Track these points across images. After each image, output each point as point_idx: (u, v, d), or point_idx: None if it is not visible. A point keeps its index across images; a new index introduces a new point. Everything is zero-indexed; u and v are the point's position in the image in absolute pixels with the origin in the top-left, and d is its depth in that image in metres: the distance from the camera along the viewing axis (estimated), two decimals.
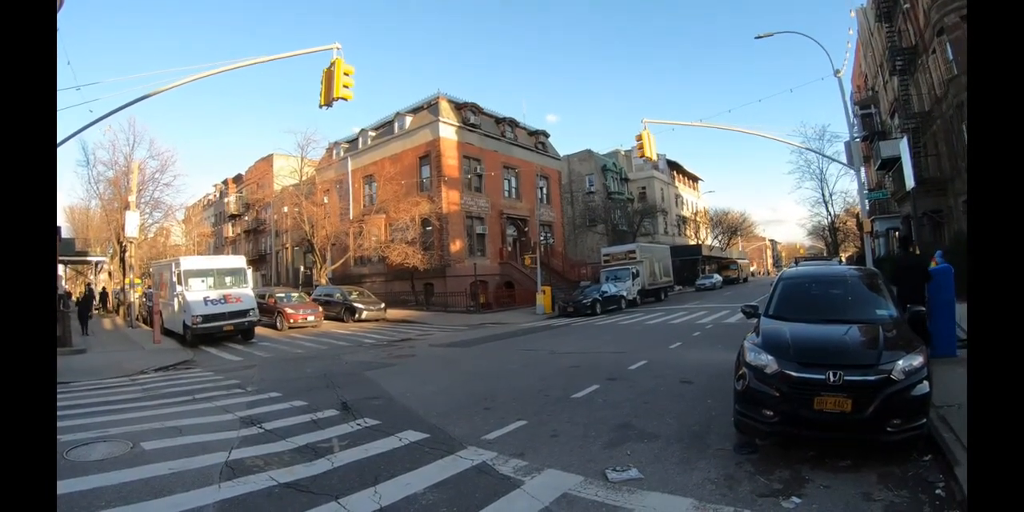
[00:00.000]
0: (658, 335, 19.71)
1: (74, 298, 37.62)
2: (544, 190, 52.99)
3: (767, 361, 6.32)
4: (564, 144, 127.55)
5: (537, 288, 35.49)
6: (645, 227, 64.62)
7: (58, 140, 21.12)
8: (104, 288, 55.02)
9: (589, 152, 66.50)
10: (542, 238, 46.77)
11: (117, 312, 43.72)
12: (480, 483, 6.08)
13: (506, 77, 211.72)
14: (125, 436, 8.97)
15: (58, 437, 8.97)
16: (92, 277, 59.54)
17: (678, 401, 9.27)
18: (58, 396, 13.74)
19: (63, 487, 6.56)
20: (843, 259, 41.77)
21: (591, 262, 50.47)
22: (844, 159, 25.42)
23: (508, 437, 7.78)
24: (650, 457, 6.53)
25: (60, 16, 22.78)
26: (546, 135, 55.40)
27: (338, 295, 34.85)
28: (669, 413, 8.47)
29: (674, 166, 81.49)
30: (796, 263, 15.20)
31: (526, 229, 47.87)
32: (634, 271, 38.58)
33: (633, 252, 41.94)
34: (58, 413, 11.45)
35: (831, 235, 63.87)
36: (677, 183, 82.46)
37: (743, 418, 6.46)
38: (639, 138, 23.96)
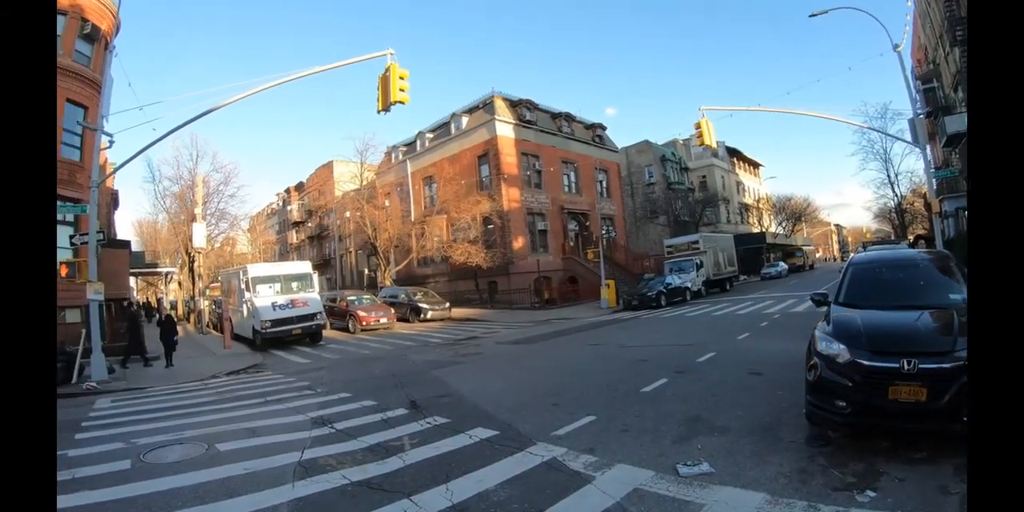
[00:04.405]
0: (725, 326, 19.45)
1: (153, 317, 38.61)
2: (604, 183, 52.61)
3: (839, 350, 6.15)
4: (622, 136, 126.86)
5: (601, 282, 35.38)
6: (707, 216, 63.72)
7: (125, 159, 21.67)
8: (174, 297, 56.45)
9: (647, 143, 65.76)
10: (604, 231, 46.45)
11: (188, 320, 44.79)
12: (551, 479, 6.09)
13: (561, 71, 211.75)
14: (200, 438, 9.22)
15: (135, 440, 9.32)
16: (163, 287, 61.05)
17: (748, 393, 9.15)
18: (135, 401, 14.26)
19: (141, 488, 6.81)
20: (910, 241, 40.59)
21: (654, 254, 50.01)
22: (908, 137, 24.81)
23: (578, 432, 7.76)
24: (721, 451, 6.44)
25: (118, 40, 23.47)
26: (603, 128, 54.87)
27: (403, 296, 35.15)
28: (739, 406, 8.36)
29: (734, 153, 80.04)
30: (864, 248, 14.96)
31: (587, 223, 47.58)
32: (698, 262, 38.04)
33: (696, 242, 41.44)
34: (135, 417, 11.86)
35: (898, 217, 62.01)
36: (738, 170, 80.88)
37: (815, 409, 6.30)
38: (697, 126, 23.65)
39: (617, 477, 5.95)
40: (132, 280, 47.16)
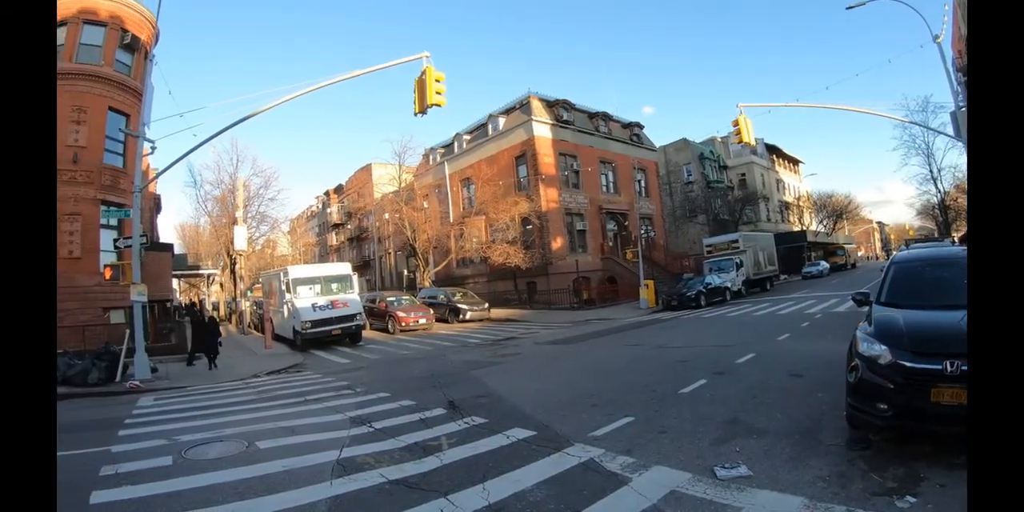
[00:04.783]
0: (765, 327, 19.28)
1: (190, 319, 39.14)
2: (642, 182, 52.22)
3: (880, 351, 6.03)
4: (659, 134, 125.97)
5: (640, 282, 35.16)
6: (747, 215, 62.90)
7: (166, 164, 22.02)
8: (216, 299, 57.27)
9: (685, 141, 65.32)
10: (642, 231, 46.16)
11: (229, 320, 45.37)
12: (587, 480, 6.07)
13: (597, 71, 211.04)
14: (241, 436, 9.36)
15: (177, 437, 9.50)
16: (205, 289, 61.92)
17: (787, 395, 9.05)
18: (177, 399, 14.53)
19: (182, 484, 6.96)
20: (956, 239, 39.77)
21: (693, 253, 49.68)
22: (951, 131, 24.34)
23: (615, 434, 7.73)
24: (759, 453, 6.38)
25: (157, 49, 23.82)
26: (640, 127, 54.50)
27: (442, 297, 35.28)
28: (778, 408, 8.28)
29: (773, 150, 78.69)
30: (907, 246, 14.59)
31: (626, 223, 47.35)
32: (738, 261, 37.78)
33: (736, 241, 41.12)
34: (177, 415, 12.08)
35: (942, 214, 60.63)
36: (777, 167, 79.54)
37: (856, 412, 6.18)
38: (736, 123, 23.37)
39: (654, 479, 5.93)
40: (175, 282, 48.00)
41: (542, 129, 43.34)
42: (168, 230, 75.56)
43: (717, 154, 67.44)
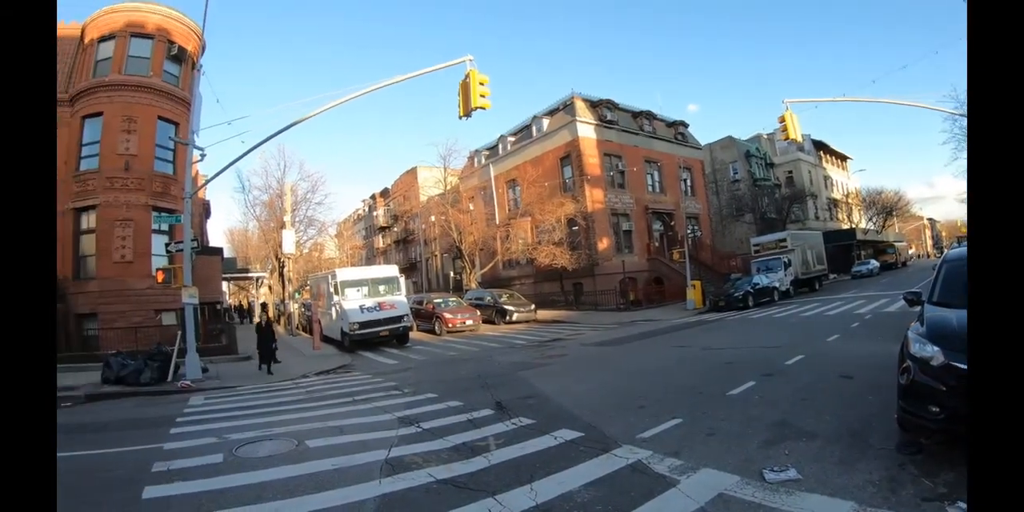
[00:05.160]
0: (814, 327, 19.06)
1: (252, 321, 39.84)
2: (688, 182, 51.75)
3: (932, 352, 5.87)
4: (704, 132, 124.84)
5: (687, 283, 34.88)
6: (795, 213, 61.76)
7: (215, 171, 22.44)
8: (264, 301, 58.09)
9: (731, 139, 64.48)
10: (689, 231, 45.75)
11: (278, 322, 45.94)
12: (635, 482, 6.06)
13: (640, 69, 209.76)
14: (290, 435, 9.51)
15: (228, 436, 9.69)
16: (254, 291, 62.78)
17: (837, 397, 8.94)
18: (227, 399, 14.82)
19: (232, 481, 7.12)
20: None
21: (740, 253, 49.06)
22: None
23: (663, 435, 7.71)
24: (808, 457, 6.31)
25: (205, 60, 24.24)
26: (685, 125, 53.96)
27: (488, 298, 35.36)
28: (828, 410, 8.17)
29: (820, 146, 77.29)
30: (959, 243, 14.01)
31: (672, 223, 46.76)
32: (786, 260, 37.20)
33: (784, 240, 40.57)
34: (228, 414, 12.32)
35: None
36: (825, 164, 77.91)
37: (907, 415, 6.04)
38: (782, 120, 23.06)
39: (702, 481, 5.89)
40: (224, 285, 48.77)
41: (586, 129, 43.23)
42: (218, 234, 77.04)
43: (763, 151, 66.49)
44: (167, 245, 23.25)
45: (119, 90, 26.35)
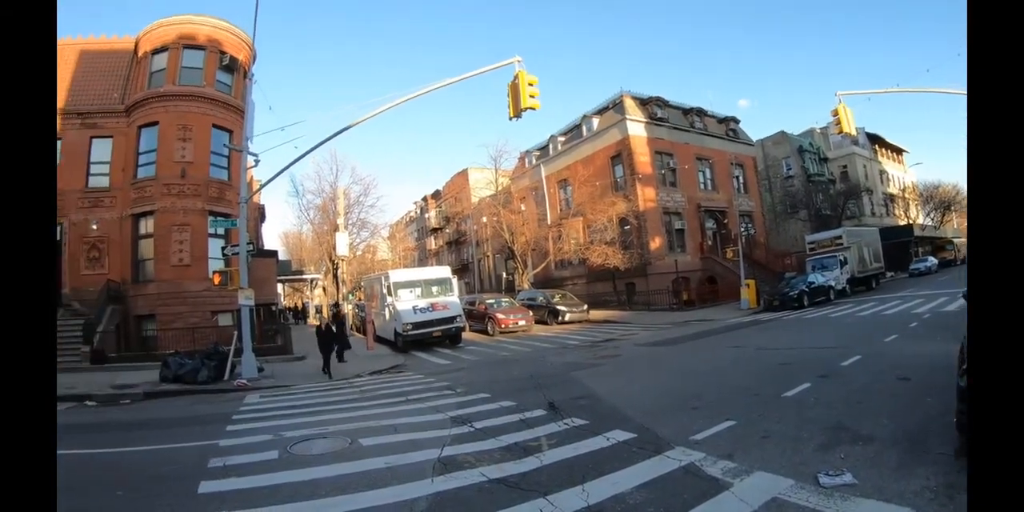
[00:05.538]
0: (871, 327, 18.68)
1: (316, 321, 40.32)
2: (740, 178, 50.99)
3: None
4: (756, 128, 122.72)
5: (740, 282, 34.38)
6: (850, 209, 60.03)
7: (270, 176, 22.86)
8: (319, 302, 58.87)
9: (783, 134, 63.31)
10: (742, 229, 45.14)
11: (332, 322, 46.53)
12: (688, 484, 6.03)
13: (689, 64, 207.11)
14: (344, 433, 9.65)
15: (282, 433, 9.90)
16: (308, 292, 63.65)
17: (894, 400, 8.78)
18: (282, 397, 15.10)
19: (287, 477, 7.27)
20: None
21: (795, 251, 48.12)
22: None
23: (716, 438, 7.65)
24: (865, 461, 6.20)
25: (256, 68, 24.67)
26: (736, 121, 53.16)
27: (541, 298, 35.36)
28: (885, 413, 8.03)
29: (875, 139, 74.90)
30: None
31: (725, 221, 46.38)
32: (841, 258, 36.32)
33: (839, 238, 39.61)
34: (283, 412, 12.56)
35: None
36: (880, 158, 75.51)
37: (966, 418, 5.96)
38: (835, 113, 22.51)
39: (755, 485, 5.84)
40: (279, 287, 49.53)
41: (636, 128, 42.99)
42: (272, 238, 78.19)
43: (817, 146, 65.18)
44: (223, 248, 23.74)
45: (173, 100, 27.18)
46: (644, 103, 45.32)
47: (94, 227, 27.50)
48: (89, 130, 28.53)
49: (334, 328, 22.05)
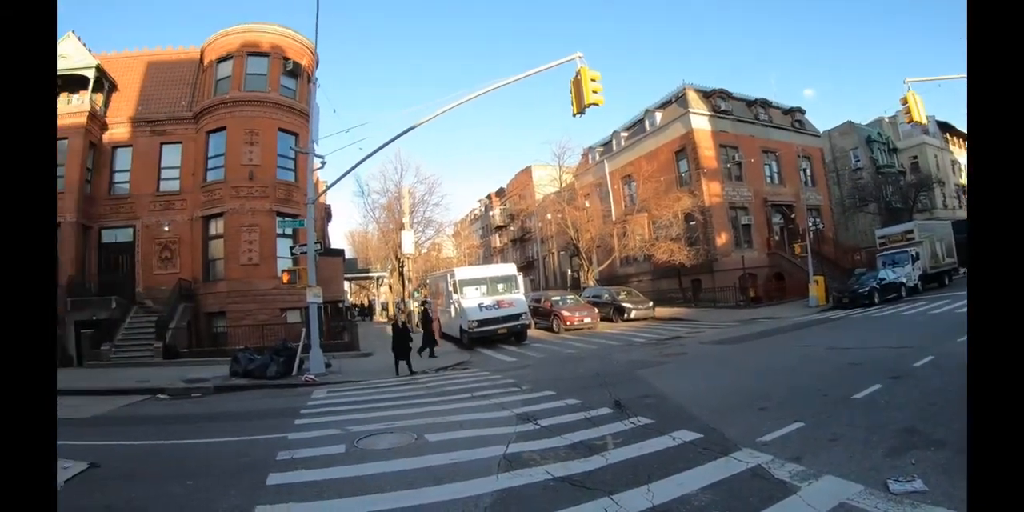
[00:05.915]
0: (944, 326, 18.04)
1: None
2: (807, 171, 49.61)
3: None
4: (822, 119, 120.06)
5: (809, 278, 33.62)
6: (921, 202, 57.87)
7: (335, 177, 23.33)
8: (385, 299, 59.62)
9: (850, 124, 61.41)
10: (810, 223, 43.99)
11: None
12: (754, 487, 5.98)
13: (753, 54, 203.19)
14: (410, 429, 9.83)
15: (349, 428, 10.10)
16: (374, 290, 64.50)
17: None
18: (349, 392, 15.41)
19: (354, 471, 7.47)
20: None
21: (865, 246, 46.70)
22: None
23: (784, 440, 7.55)
24: (936, 467, 6.02)
25: (320, 72, 25.10)
26: (802, 111, 51.64)
27: (606, 296, 35.42)
28: (959, 417, 7.59)
29: (946, 128, 71.08)
30: None
31: (792, 215, 45.39)
32: (913, 254, 34.83)
33: (911, 232, 38.07)
34: (349, 407, 12.82)
35: None
36: (952, 147, 71.92)
37: None
38: (904, 101, 21.74)
39: (823, 489, 5.74)
40: (346, 284, 50.36)
41: (700, 121, 42.49)
42: (339, 237, 79.53)
43: (886, 136, 63.16)
44: (291, 248, 24.40)
45: (240, 106, 28.20)
46: (707, 96, 44.73)
47: (166, 229, 28.56)
48: (159, 137, 29.86)
49: (413, 327, 22.42)
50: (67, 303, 26.03)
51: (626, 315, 32.96)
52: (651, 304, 34.58)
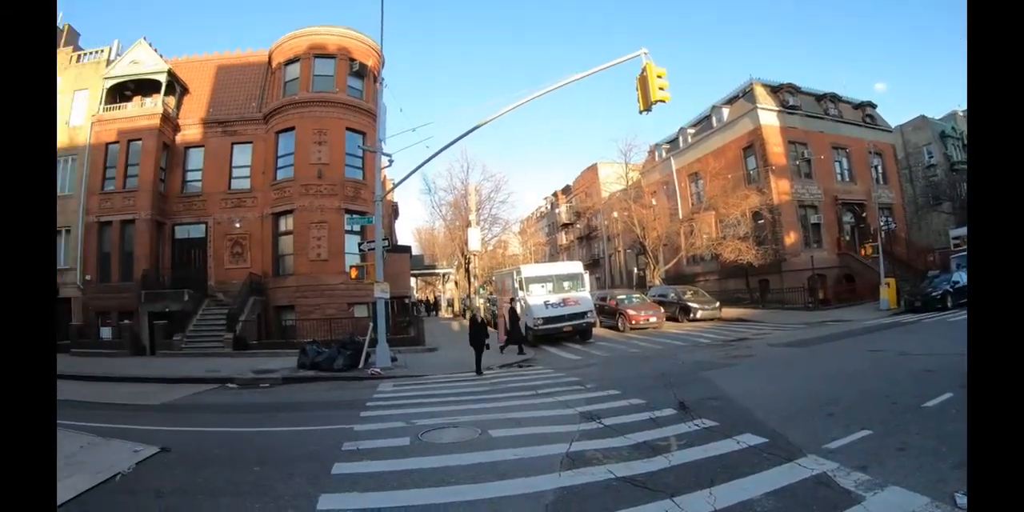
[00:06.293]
0: None
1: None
2: (878, 168, 47.38)
3: None
4: (894, 113, 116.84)
5: (880, 280, 32.58)
6: None
7: (402, 175, 23.78)
8: (451, 295, 60.26)
9: (923, 118, 59.18)
10: (881, 223, 42.88)
11: (463, 316, 47.55)
12: (818, 495, 5.89)
13: (822, 46, 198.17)
14: (474, 424, 9.98)
15: (414, 421, 10.33)
16: (440, 286, 65.23)
17: None
18: (414, 387, 15.73)
19: (418, 463, 7.63)
20: None
21: (939, 247, 45.15)
22: None
23: (851, 447, 7.40)
24: None
25: (385, 72, 25.46)
26: (873, 106, 50.28)
27: (672, 295, 35.16)
28: None
29: None
30: None
31: (863, 214, 44.19)
32: None
33: None
34: (415, 401, 13.13)
35: None
36: None
37: None
38: None
39: (889, 500, 5.64)
40: (412, 280, 50.97)
41: (768, 117, 41.89)
42: (406, 234, 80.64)
43: (960, 131, 60.18)
44: (359, 244, 24.91)
45: (308, 106, 29.10)
46: (775, 90, 44.00)
47: (237, 225, 29.55)
48: (230, 137, 31.08)
49: (526, 322, 22.79)
50: (141, 295, 27.38)
51: (692, 315, 32.65)
52: (717, 304, 34.19)
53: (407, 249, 44.14)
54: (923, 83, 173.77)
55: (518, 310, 26.81)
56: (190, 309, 27.41)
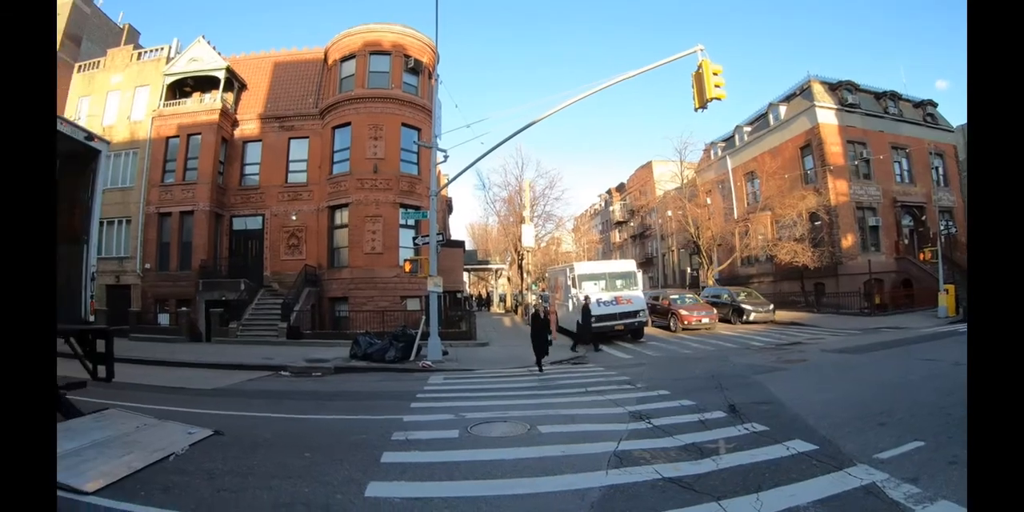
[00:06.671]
0: None
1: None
2: (940, 170, 45.90)
3: None
4: (956, 112, 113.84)
5: (939, 287, 31.71)
6: None
7: (457, 170, 24.10)
8: (504, 291, 60.53)
9: None
10: (942, 227, 42.00)
11: (515, 312, 47.66)
12: (867, 506, 5.80)
13: (881, 41, 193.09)
14: (523, 419, 10.03)
15: (463, 414, 10.42)
16: (493, 281, 65.53)
17: None
18: (464, 380, 15.92)
19: (466, 456, 7.78)
20: None
21: None
22: None
23: (902, 458, 7.26)
24: None
25: (440, 68, 25.63)
26: (934, 105, 48.50)
27: (725, 296, 34.87)
28: None
29: None
30: None
31: (923, 218, 42.99)
32: None
33: None
34: (464, 394, 13.31)
35: None
36: None
37: None
38: None
39: None
40: (465, 275, 51.31)
41: (826, 115, 41.14)
42: (459, 229, 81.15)
43: None
44: (414, 238, 25.21)
45: (364, 102, 29.66)
46: (833, 88, 43.07)
47: (293, 218, 30.28)
48: (287, 132, 31.84)
49: (579, 319, 22.96)
50: (199, 284, 28.45)
51: (745, 317, 32.32)
52: (771, 307, 33.73)
53: (460, 244, 44.42)
54: None
55: (569, 308, 26.86)
56: (246, 298, 28.21)
